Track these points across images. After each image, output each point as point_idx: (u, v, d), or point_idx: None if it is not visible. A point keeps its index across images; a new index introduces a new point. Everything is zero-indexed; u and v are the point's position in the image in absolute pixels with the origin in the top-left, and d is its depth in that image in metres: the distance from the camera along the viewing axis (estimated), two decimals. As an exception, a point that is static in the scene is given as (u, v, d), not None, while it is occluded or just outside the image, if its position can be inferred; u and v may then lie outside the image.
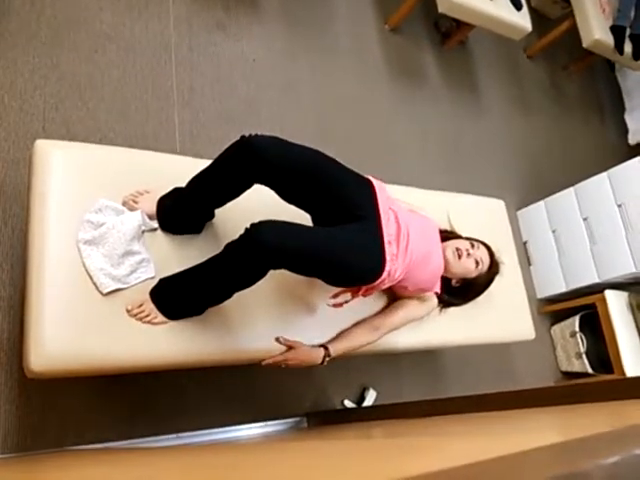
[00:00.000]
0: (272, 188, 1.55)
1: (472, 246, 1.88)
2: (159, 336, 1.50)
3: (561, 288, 3.19)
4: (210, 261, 1.46)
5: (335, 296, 1.72)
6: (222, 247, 1.43)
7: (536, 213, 3.34)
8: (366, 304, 1.86)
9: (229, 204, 1.59)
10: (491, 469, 0.46)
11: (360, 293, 1.69)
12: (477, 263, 1.86)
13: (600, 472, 0.46)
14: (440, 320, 2.01)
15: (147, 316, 1.49)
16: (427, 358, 2.61)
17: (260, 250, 1.34)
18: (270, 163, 1.46)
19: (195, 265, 1.50)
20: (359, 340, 1.79)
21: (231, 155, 1.50)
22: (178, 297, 1.52)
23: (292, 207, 1.61)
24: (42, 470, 1.17)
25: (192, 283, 1.51)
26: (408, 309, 1.87)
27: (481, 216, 2.37)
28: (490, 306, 2.13)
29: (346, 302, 1.72)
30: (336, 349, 1.72)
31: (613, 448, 0.51)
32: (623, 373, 2.86)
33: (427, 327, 1.98)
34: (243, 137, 1.48)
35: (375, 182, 1.70)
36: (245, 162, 1.46)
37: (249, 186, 1.54)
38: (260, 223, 1.37)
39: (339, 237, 1.51)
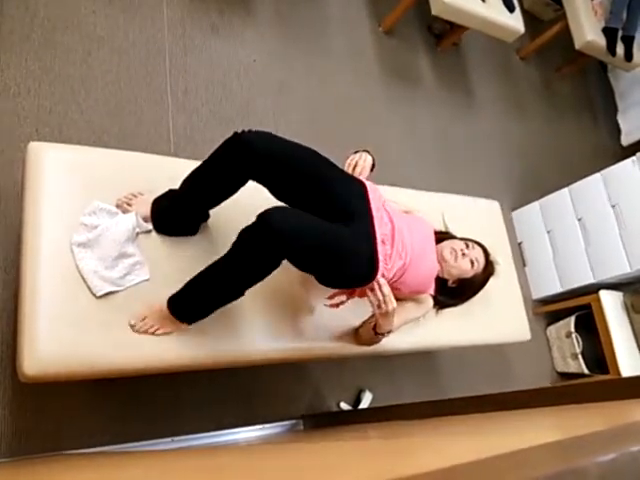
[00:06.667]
0: (264, 185, 1.54)
1: (467, 246, 1.89)
2: (153, 340, 1.49)
3: (556, 289, 3.19)
4: (223, 257, 1.42)
5: (332, 297, 1.73)
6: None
7: (531, 214, 3.35)
8: (362, 306, 1.85)
9: (223, 205, 1.59)
10: (488, 467, 0.46)
11: (355, 294, 1.69)
12: (473, 263, 1.87)
13: (597, 469, 0.46)
14: (436, 321, 2.01)
15: (151, 327, 1.48)
16: (423, 360, 2.61)
17: (275, 237, 1.31)
18: (259, 156, 1.45)
19: (207, 266, 1.45)
20: (359, 343, 1.81)
21: (222, 151, 1.50)
22: (194, 298, 1.49)
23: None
24: (36, 474, 1.16)
25: (206, 282, 1.46)
26: (404, 311, 1.85)
27: (476, 217, 2.37)
28: (485, 307, 2.14)
29: (342, 303, 1.72)
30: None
31: (609, 445, 0.51)
32: (618, 373, 2.87)
33: (423, 329, 1.98)
34: (235, 133, 1.48)
35: (367, 182, 1.70)
36: (235, 156, 1.46)
37: (242, 183, 1.53)
38: (274, 210, 1.35)
39: (337, 233, 1.50)
